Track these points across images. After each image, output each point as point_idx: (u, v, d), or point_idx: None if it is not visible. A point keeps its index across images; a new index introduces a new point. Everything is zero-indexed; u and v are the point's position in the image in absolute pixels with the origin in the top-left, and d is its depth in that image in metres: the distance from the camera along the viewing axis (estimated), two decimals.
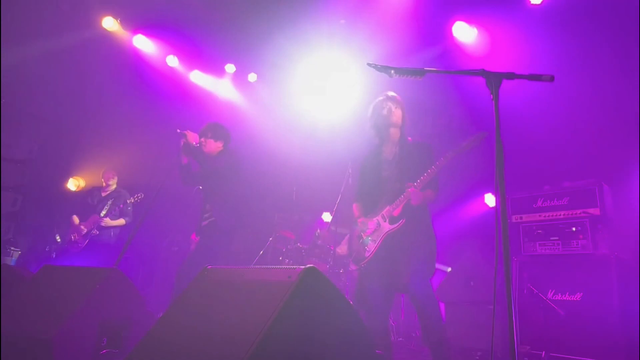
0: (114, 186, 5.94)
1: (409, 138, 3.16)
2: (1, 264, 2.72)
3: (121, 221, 5.71)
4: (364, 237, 3.00)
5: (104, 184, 5.93)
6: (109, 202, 5.69)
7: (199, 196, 4.10)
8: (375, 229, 2.98)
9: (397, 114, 3.06)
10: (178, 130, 3.84)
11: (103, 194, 5.86)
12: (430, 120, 6.20)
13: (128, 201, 5.65)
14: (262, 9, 6.13)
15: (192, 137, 3.87)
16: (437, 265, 3.30)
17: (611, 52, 4.41)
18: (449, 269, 4.81)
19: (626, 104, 4.17)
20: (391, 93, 3.12)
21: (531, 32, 4.95)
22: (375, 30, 5.78)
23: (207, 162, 3.87)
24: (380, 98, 3.12)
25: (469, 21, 5.34)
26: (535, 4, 4.83)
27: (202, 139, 4.03)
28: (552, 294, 3.68)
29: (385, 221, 2.95)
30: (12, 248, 5.62)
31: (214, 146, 4.03)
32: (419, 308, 2.83)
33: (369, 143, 3.27)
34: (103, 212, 5.59)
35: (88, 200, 5.86)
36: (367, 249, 2.96)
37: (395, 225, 2.89)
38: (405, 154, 3.05)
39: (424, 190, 2.87)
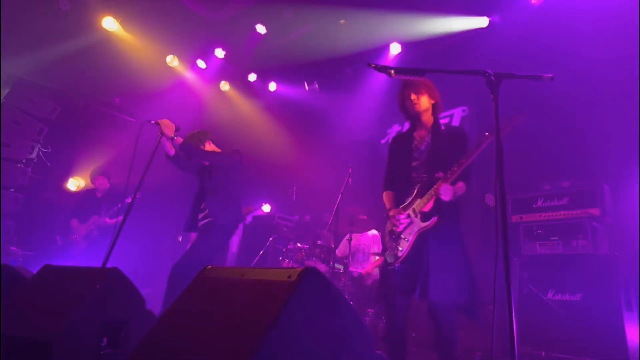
0: (106, 186, 5.93)
1: (442, 125, 2.94)
2: (1, 264, 2.71)
3: None
4: (396, 233, 2.75)
5: (94, 186, 5.92)
6: (105, 203, 5.69)
7: (194, 193, 4.05)
8: (407, 225, 2.73)
9: (422, 101, 2.85)
10: (152, 121, 3.52)
11: (98, 195, 5.86)
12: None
13: (126, 200, 5.66)
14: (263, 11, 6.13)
15: (167, 127, 3.54)
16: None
17: (611, 50, 4.41)
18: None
19: (626, 103, 4.16)
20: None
21: (531, 30, 4.95)
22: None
23: (199, 158, 3.81)
24: (403, 83, 2.89)
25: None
26: (535, 3, 4.83)
27: (201, 145, 4.01)
28: (552, 294, 3.68)
29: (416, 217, 2.71)
30: (12, 248, 5.63)
31: (211, 147, 4.03)
32: (435, 316, 2.64)
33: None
34: (101, 213, 5.60)
35: (84, 203, 5.87)
36: (400, 247, 2.71)
37: (428, 222, 2.66)
38: (437, 141, 2.82)
39: (454, 184, 2.64)
